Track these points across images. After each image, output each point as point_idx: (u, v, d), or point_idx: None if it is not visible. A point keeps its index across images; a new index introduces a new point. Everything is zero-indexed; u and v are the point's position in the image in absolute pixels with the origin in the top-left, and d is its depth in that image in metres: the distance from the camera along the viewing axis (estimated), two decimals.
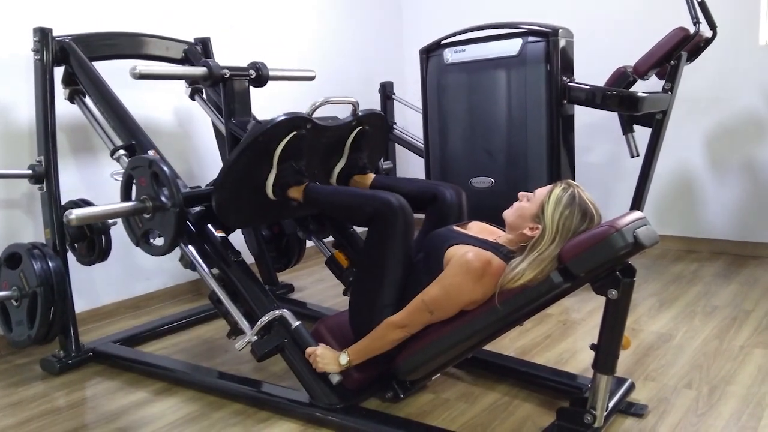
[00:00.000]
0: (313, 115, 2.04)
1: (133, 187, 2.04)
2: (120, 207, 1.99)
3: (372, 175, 2.28)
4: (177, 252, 2.11)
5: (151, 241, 2.08)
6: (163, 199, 1.95)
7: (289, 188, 2.05)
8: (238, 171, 1.98)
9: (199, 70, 2.22)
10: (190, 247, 2.09)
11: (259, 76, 2.34)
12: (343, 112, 2.26)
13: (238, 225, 2.28)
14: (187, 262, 2.11)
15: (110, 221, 2.38)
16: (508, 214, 1.73)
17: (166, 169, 1.93)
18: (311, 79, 2.77)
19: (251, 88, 2.35)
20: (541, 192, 1.66)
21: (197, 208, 2.13)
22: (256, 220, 2.39)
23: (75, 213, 1.85)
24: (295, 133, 1.99)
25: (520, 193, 1.73)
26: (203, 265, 2.06)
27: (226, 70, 2.22)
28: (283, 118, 1.95)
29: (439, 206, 2.05)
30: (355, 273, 1.91)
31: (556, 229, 1.58)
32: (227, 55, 2.51)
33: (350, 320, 1.90)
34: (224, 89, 2.26)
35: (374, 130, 2.30)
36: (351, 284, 2.10)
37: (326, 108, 2.13)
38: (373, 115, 2.28)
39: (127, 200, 2.03)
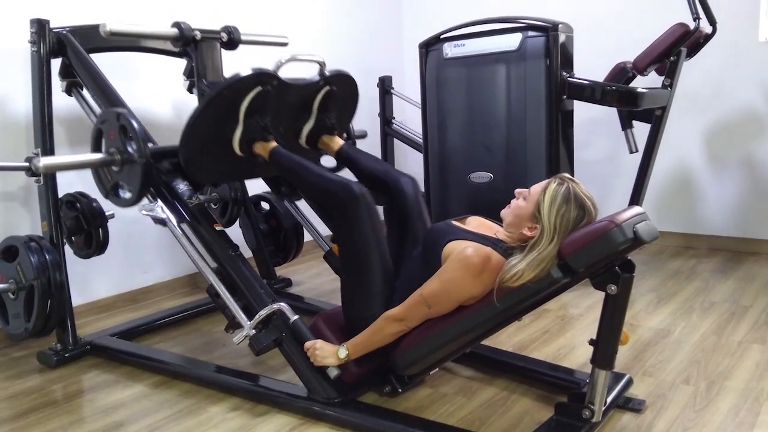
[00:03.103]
0: (281, 75, 2.06)
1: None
2: (89, 158, 2.04)
3: (339, 140, 2.29)
4: (176, 244, 2.10)
5: (120, 194, 2.10)
6: (131, 151, 1.98)
7: (255, 143, 2.07)
8: (203, 125, 2.01)
9: (170, 31, 2.23)
10: (159, 202, 2.10)
11: (231, 39, 2.36)
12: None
13: (208, 181, 2.31)
14: (159, 219, 2.11)
15: (108, 214, 2.37)
16: (506, 214, 1.72)
17: (133, 122, 1.97)
18: (284, 45, 2.78)
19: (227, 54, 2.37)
20: (536, 190, 1.64)
21: (166, 164, 2.15)
22: (224, 177, 2.42)
23: (43, 161, 1.91)
24: (260, 88, 2.01)
25: (517, 191, 1.72)
26: (173, 221, 2.08)
27: (197, 32, 2.24)
28: (248, 72, 1.98)
29: (399, 201, 2.05)
30: (341, 266, 1.93)
31: (554, 228, 1.56)
32: (235, 62, 2.53)
33: (344, 314, 1.91)
34: (196, 51, 2.28)
35: (342, 91, 2.31)
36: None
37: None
38: (340, 76, 2.30)
39: (97, 152, 2.07)
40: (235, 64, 2.25)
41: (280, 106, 2.13)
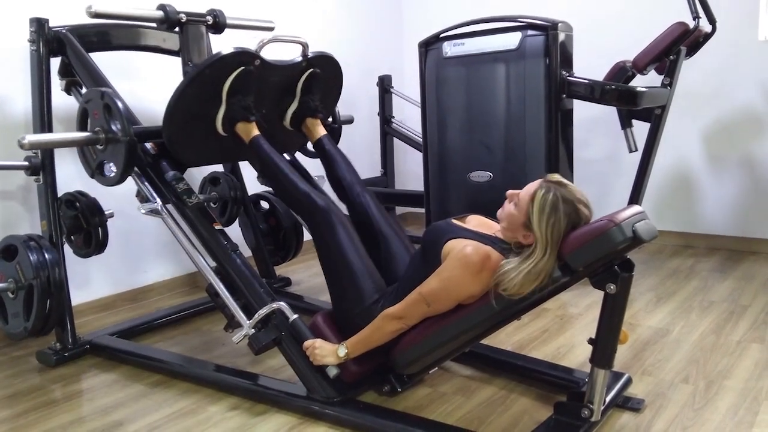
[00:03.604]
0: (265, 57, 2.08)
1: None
2: (74, 136, 2.07)
3: (321, 130, 2.31)
4: (175, 243, 2.10)
5: (106, 172, 2.12)
6: (115, 130, 2.00)
7: (237, 124, 2.08)
8: (186, 105, 2.03)
9: (155, 13, 2.24)
10: (159, 201, 2.11)
11: (217, 22, 2.38)
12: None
13: (192, 161, 2.31)
14: (144, 197, 2.13)
15: (108, 212, 2.37)
16: (501, 218, 1.70)
17: (118, 102, 1.99)
18: (270, 29, 2.79)
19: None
20: (525, 199, 1.60)
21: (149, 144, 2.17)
22: (209, 158, 2.43)
23: (28, 138, 1.95)
24: (243, 68, 2.03)
25: (508, 193, 1.68)
26: (156, 199, 2.09)
27: (182, 14, 2.26)
28: (229, 51, 2.00)
29: (363, 217, 2.12)
30: (322, 269, 1.95)
31: (546, 239, 1.54)
32: (223, 47, 2.53)
33: (336, 313, 1.94)
34: (181, 33, 2.29)
35: (326, 73, 2.32)
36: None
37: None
38: (324, 57, 2.31)
39: (83, 131, 2.09)
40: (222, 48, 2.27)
41: (263, 87, 2.14)
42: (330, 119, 2.66)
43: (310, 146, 2.61)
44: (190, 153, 2.19)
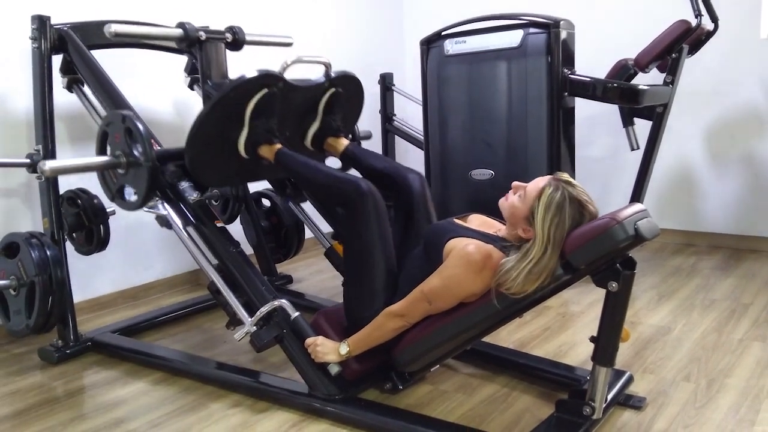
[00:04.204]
0: (287, 76, 2.06)
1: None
2: (95, 161, 2.02)
3: (345, 141, 2.28)
4: (177, 241, 2.10)
5: (126, 197, 2.09)
6: (137, 154, 1.97)
7: (260, 146, 2.06)
8: (208, 128, 2.00)
9: (174, 32, 2.21)
10: (166, 205, 2.09)
11: (236, 39, 2.34)
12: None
13: (213, 183, 2.28)
14: (163, 220, 2.12)
15: (109, 210, 2.38)
16: (503, 209, 1.70)
17: (139, 125, 1.95)
18: (289, 45, 2.77)
19: (231, 54, 2.35)
20: (532, 193, 1.60)
21: (171, 166, 2.13)
22: (231, 180, 2.41)
23: (48, 165, 1.88)
24: (266, 90, 2.01)
25: (514, 184, 1.68)
26: (178, 223, 2.07)
27: (201, 32, 2.22)
28: (254, 74, 1.97)
29: (406, 197, 2.04)
30: (344, 265, 1.93)
31: (547, 238, 1.54)
32: (228, 59, 2.55)
33: (346, 312, 1.91)
34: (200, 52, 2.26)
35: (348, 92, 2.31)
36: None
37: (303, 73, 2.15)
38: (346, 77, 2.29)
39: (102, 155, 2.05)
40: (239, 64, 2.23)
41: (285, 108, 2.12)
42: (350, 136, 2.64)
43: (327, 162, 2.60)
44: (211, 175, 2.14)
